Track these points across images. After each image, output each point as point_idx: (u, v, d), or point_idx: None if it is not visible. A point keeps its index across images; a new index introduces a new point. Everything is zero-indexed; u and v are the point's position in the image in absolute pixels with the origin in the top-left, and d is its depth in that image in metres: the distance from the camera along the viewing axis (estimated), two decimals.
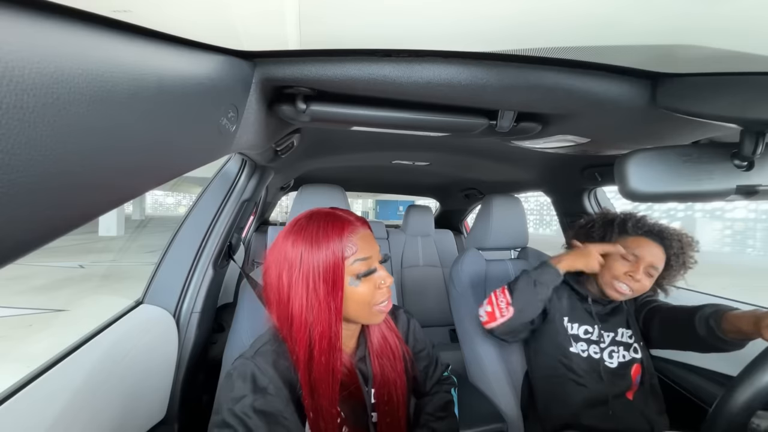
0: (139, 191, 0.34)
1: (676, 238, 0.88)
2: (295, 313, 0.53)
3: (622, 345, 0.93)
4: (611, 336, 0.93)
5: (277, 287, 0.55)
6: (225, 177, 1.06)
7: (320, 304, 0.53)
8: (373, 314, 0.58)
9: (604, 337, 0.93)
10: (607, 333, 0.93)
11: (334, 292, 0.53)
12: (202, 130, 0.41)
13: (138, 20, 0.30)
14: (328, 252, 0.54)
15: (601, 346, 0.92)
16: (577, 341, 0.93)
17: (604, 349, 0.92)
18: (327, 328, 0.53)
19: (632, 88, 0.52)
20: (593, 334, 0.93)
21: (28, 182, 0.22)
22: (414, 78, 0.50)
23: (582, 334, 0.94)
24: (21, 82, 0.21)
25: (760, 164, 0.53)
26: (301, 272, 0.53)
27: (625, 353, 0.92)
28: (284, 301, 0.54)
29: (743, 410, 0.55)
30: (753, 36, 0.37)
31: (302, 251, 0.54)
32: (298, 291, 0.53)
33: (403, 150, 1.33)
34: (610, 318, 0.96)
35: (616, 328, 0.94)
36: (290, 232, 0.57)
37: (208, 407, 0.83)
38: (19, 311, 4.14)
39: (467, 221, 2.78)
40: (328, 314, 0.53)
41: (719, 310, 0.80)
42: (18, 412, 0.49)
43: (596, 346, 0.92)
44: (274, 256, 0.57)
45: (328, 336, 0.54)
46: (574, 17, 0.35)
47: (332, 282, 0.53)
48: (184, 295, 0.92)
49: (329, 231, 0.55)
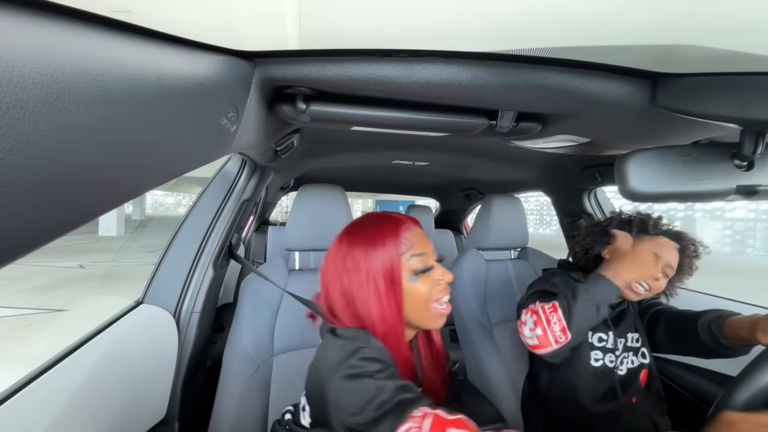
0: (139, 191, 0.34)
1: (691, 241, 0.87)
2: (362, 313, 0.55)
3: (632, 350, 0.89)
4: (623, 342, 0.88)
5: (340, 291, 0.56)
6: (225, 177, 1.06)
7: (382, 302, 0.54)
8: (433, 316, 0.58)
9: (618, 344, 0.88)
10: (620, 339, 0.88)
11: (393, 289, 0.55)
12: (202, 130, 0.41)
13: (138, 20, 0.30)
14: (384, 250, 0.55)
15: (616, 354, 0.87)
16: (593, 350, 0.87)
17: (618, 357, 0.87)
18: (392, 325, 0.55)
19: (632, 88, 0.52)
20: (608, 341, 0.87)
21: (28, 182, 0.22)
22: (414, 78, 0.50)
23: (597, 342, 0.88)
24: (21, 82, 0.21)
25: (760, 164, 0.53)
26: (362, 273, 0.55)
27: (634, 358, 0.88)
28: (351, 303, 0.55)
29: (742, 411, 0.55)
30: (753, 36, 0.37)
31: (360, 253, 0.56)
32: (362, 292, 0.55)
33: (403, 150, 1.33)
34: (621, 322, 0.91)
35: (625, 333, 0.90)
36: (344, 238, 0.59)
37: (208, 407, 0.84)
38: (19, 311, 4.14)
39: (467, 221, 2.79)
40: (391, 311, 0.55)
41: (721, 315, 0.79)
42: (18, 412, 0.49)
43: (611, 355, 0.87)
44: (332, 262, 0.58)
45: (394, 332, 0.55)
46: (574, 17, 0.35)
47: (391, 279, 0.55)
48: (184, 295, 0.92)
49: (384, 230, 0.57)
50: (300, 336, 0.88)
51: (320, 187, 1.01)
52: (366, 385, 0.47)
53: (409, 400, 0.45)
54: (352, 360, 0.49)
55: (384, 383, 0.46)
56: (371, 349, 0.51)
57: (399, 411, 0.43)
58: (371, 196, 13.05)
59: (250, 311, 0.86)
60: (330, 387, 0.48)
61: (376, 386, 0.46)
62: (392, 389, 0.46)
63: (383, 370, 0.49)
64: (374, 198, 13.92)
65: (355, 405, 0.46)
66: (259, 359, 0.83)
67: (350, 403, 0.46)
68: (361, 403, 0.45)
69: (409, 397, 0.45)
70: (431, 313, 0.57)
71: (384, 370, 0.49)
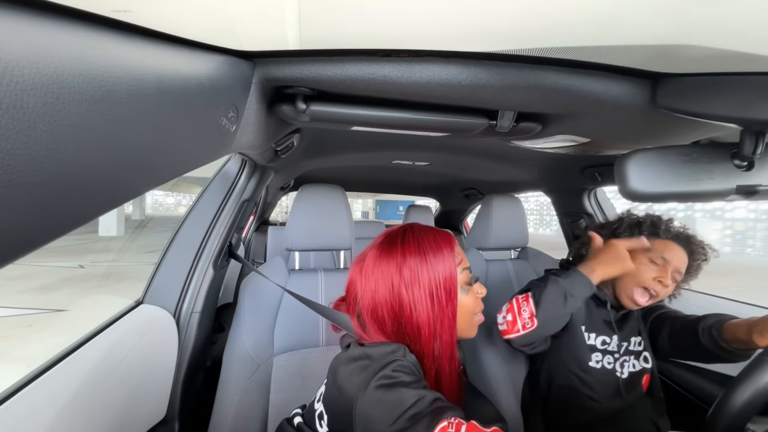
0: (139, 191, 0.34)
1: (700, 245, 0.86)
2: (422, 324, 0.54)
3: (633, 354, 0.88)
4: (625, 346, 0.88)
5: (391, 305, 0.54)
6: (225, 177, 1.06)
7: (443, 314, 0.54)
8: (472, 326, 0.61)
9: (620, 347, 0.87)
10: (623, 342, 0.88)
11: (452, 301, 0.55)
12: (202, 130, 0.41)
13: (138, 20, 0.30)
14: (444, 263, 0.55)
15: (615, 357, 0.87)
16: (594, 352, 0.87)
17: (617, 359, 0.86)
18: (449, 337, 0.55)
19: (632, 88, 0.52)
20: (611, 344, 0.87)
21: (28, 182, 0.22)
22: (414, 78, 0.50)
23: (599, 344, 0.87)
24: (21, 82, 0.21)
25: (760, 164, 0.53)
26: (422, 285, 0.54)
27: (635, 362, 0.87)
28: (407, 315, 0.54)
29: (742, 412, 0.55)
30: (753, 36, 0.37)
31: (418, 265, 0.55)
32: (424, 304, 0.54)
33: (403, 150, 1.33)
34: (624, 326, 0.90)
35: (629, 337, 0.89)
36: (393, 248, 0.57)
37: (208, 407, 0.84)
38: (20, 311, 4.14)
39: (467, 221, 2.79)
40: (449, 323, 0.55)
41: (721, 319, 0.79)
42: (18, 412, 0.49)
43: (611, 357, 0.86)
44: (380, 274, 0.55)
45: (450, 345, 0.56)
46: (574, 17, 0.35)
47: (450, 291, 0.55)
48: (184, 295, 0.92)
49: (440, 242, 0.57)
50: (300, 336, 0.88)
51: (320, 187, 1.01)
52: (401, 394, 0.46)
53: (443, 408, 0.45)
54: (386, 371, 0.48)
55: (422, 392, 0.46)
56: (406, 362, 0.51)
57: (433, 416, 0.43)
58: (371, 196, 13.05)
59: (250, 311, 0.86)
60: (361, 401, 0.47)
61: (412, 395, 0.45)
62: (430, 399, 0.46)
63: (418, 381, 0.49)
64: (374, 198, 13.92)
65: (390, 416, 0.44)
66: (259, 359, 0.83)
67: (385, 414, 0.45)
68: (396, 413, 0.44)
69: (443, 405, 0.46)
70: (473, 324, 0.60)
71: (418, 381, 0.49)
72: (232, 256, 1.09)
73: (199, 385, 0.99)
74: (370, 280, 0.56)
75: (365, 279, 0.57)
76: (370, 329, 0.56)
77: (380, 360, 0.50)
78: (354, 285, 0.58)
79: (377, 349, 0.53)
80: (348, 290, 0.60)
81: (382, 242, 0.59)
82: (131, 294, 0.90)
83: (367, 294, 0.56)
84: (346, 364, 0.52)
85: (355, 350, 0.54)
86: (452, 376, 0.57)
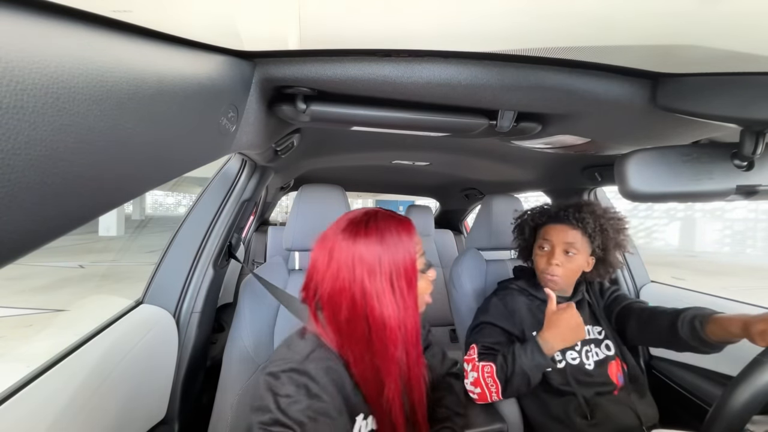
0: (140, 191, 0.34)
1: (588, 210, 0.91)
2: (386, 315, 0.54)
3: (593, 342, 0.90)
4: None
5: (352, 293, 0.54)
6: (225, 177, 1.06)
7: (405, 302, 0.55)
8: (421, 306, 0.62)
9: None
10: None
11: (412, 289, 0.56)
12: (202, 130, 0.41)
13: (138, 20, 0.30)
14: (404, 251, 0.56)
15: (577, 350, 0.89)
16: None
17: (579, 351, 0.89)
18: (413, 323, 0.56)
19: (632, 88, 0.52)
20: None
21: (28, 182, 0.22)
22: (414, 78, 0.50)
23: None
24: (21, 82, 0.21)
25: (760, 164, 0.53)
26: (383, 274, 0.54)
27: (598, 350, 0.90)
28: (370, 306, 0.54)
29: (742, 413, 0.55)
30: (753, 36, 0.37)
31: (380, 253, 0.55)
32: (386, 294, 0.54)
33: (403, 150, 1.33)
34: None
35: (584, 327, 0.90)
36: (354, 235, 0.56)
37: (208, 407, 0.84)
38: (20, 311, 4.14)
39: (467, 221, 2.78)
40: (413, 311, 0.56)
41: (704, 312, 0.81)
42: (18, 412, 0.49)
43: (572, 351, 0.89)
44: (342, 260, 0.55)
45: (415, 330, 0.57)
46: (574, 17, 0.35)
47: (410, 279, 0.56)
48: (184, 295, 0.92)
49: (400, 230, 0.57)
50: None
51: (320, 187, 1.01)
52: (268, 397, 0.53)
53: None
54: (275, 412, 0.51)
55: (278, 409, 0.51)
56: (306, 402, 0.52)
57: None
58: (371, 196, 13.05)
59: (250, 311, 0.86)
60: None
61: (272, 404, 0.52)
62: (271, 420, 0.51)
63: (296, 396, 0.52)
64: (374, 198, 13.92)
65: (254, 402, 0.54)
66: (259, 359, 0.83)
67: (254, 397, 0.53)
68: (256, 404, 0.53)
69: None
70: (422, 304, 0.62)
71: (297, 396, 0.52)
72: (231, 256, 1.09)
73: (199, 385, 0.99)
74: (332, 265, 0.56)
75: (327, 266, 0.57)
76: (325, 316, 0.57)
77: (295, 350, 0.56)
78: (316, 268, 0.58)
79: (300, 340, 0.58)
80: (309, 275, 0.59)
81: (345, 228, 0.58)
82: (131, 294, 0.90)
83: (328, 279, 0.56)
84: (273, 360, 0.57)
85: (281, 350, 0.59)
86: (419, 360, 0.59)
